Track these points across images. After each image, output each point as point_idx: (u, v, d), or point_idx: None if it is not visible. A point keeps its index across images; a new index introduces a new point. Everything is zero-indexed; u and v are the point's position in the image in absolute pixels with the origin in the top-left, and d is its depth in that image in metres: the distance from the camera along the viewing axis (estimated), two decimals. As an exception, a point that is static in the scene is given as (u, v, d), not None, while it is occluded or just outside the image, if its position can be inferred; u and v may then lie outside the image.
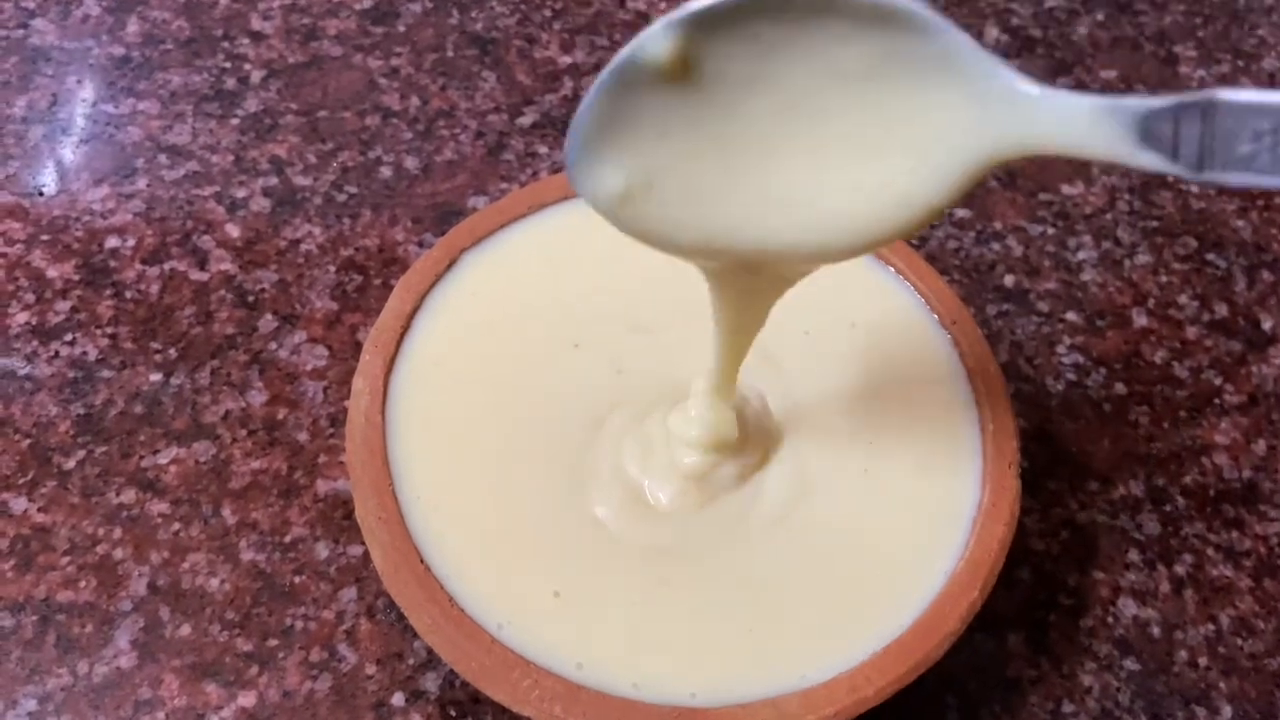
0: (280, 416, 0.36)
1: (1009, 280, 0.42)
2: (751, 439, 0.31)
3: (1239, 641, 0.34)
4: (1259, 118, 0.19)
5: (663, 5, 0.50)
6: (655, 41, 0.20)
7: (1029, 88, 0.20)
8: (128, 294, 0.39)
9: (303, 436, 0.36)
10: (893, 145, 0.21)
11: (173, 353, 0.38)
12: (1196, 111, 0.19)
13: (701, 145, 0.21)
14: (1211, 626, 0.35)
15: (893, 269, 0.34)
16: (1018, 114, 0.20)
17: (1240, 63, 0.50)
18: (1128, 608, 0.35)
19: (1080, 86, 0.48)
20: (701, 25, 0.20)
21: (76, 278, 0.39)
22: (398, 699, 0.31)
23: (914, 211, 0.21)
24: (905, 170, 0.21)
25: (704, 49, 0.20)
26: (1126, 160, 0.20)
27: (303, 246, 0.41)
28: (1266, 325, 0.42)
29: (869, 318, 0.34)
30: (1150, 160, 0.20)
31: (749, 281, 0.25)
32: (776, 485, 0.31)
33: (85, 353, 0.37)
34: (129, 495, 0.35)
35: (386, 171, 0.43)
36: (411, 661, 0.32)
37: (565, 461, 0.31)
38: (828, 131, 0.21)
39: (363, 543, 0.29)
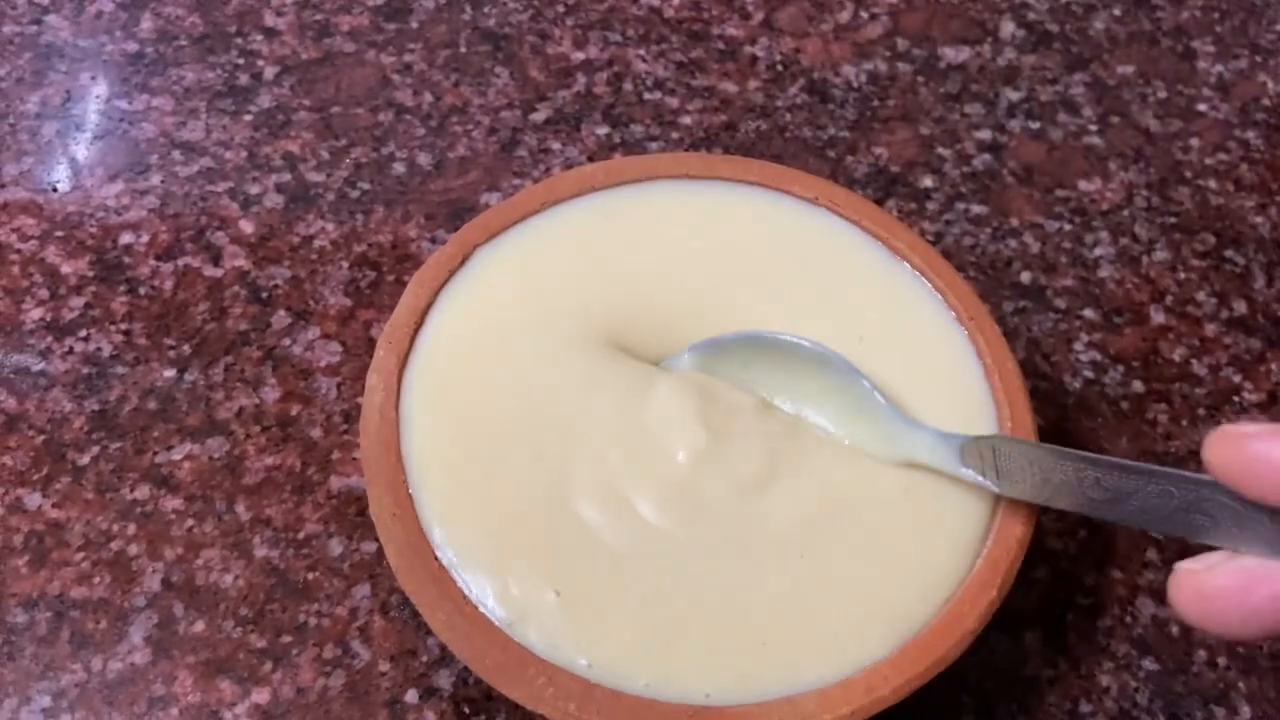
0: (294, 413, 0.36)
1: (1026, 277, 0.42)
2: (763, 438, 0.31)
3: (1259, 641, 0.34)
4: (1023, 453, 0.28)
5: (675, 1, 0.49)
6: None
7: (904, 425, 0.30)
8: (142, 290, 0.39)
9: (316, 433, 0.36)
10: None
11: (186, 349, 0.38)
12: (989, 445, 0.29)
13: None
14: (1231, 626, 0.34)
15: (909, 265, 0.34)
16: (903, 440, 0.30)
17: (1258, 58, 0.50)
18: (1146, 607, 0.34)
19: (1097, 82, 0.48)
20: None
21: (91, 274, 0.39)
22: (411, 696, 0.31)
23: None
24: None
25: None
26: (956, 474, 0.29)
27: (316, 242, 0.41)
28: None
29: (885, 315, 0.33)
30: (969, 475, 0.29)
31: None
32: (791, 484, 0.31)
33: (99, 349, 0.37)
34: (143, 491, 0.35)
35: (400, 167, 0.43)
36: (425, 659, 0.32)
37: (578, 457, 0.30)
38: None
39: (376, 539, 0.29)
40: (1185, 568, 0.23)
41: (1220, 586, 0.22)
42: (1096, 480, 0.26)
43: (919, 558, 0.29)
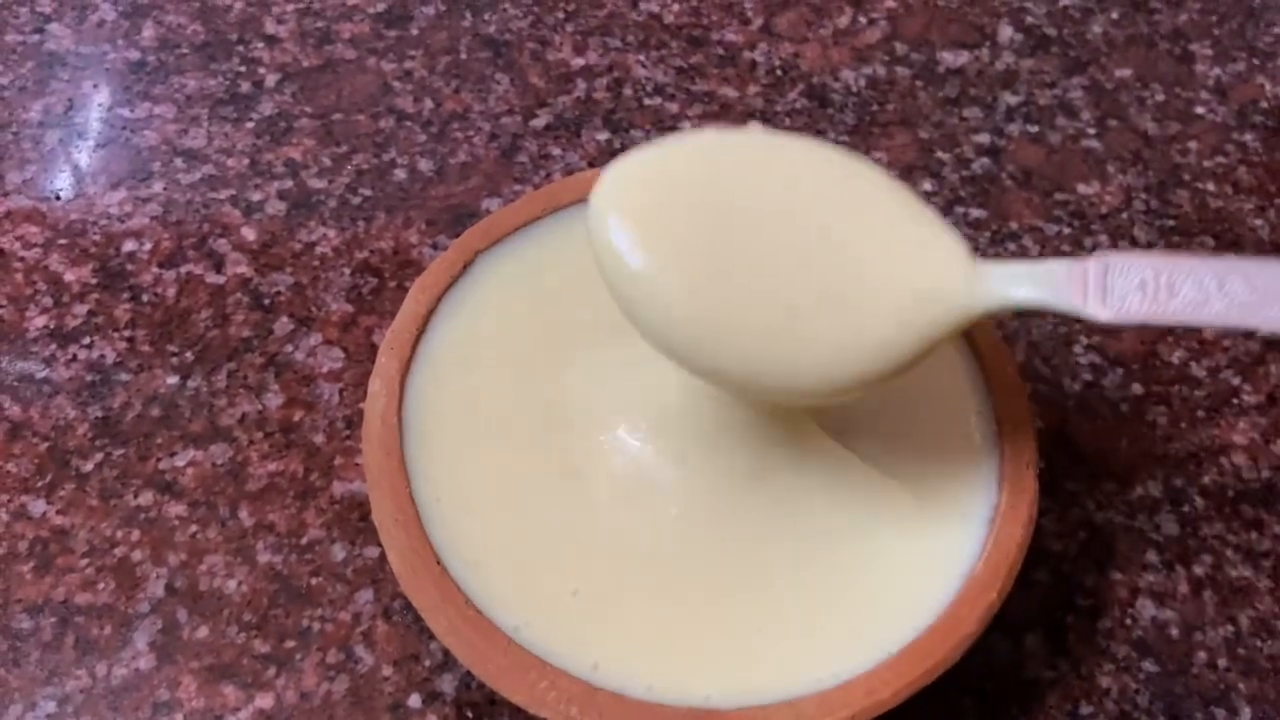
0: (297, 419, 0.37)
1: (1024, 280, 0.42)
2: (762, 440, 0.31)
3: (1258, 643, 0.34)
4: (1139, 270, 0.24)
5: (675, 7, 0.50)
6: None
7: (981, 265, 0.25)
8: (145, 297, 0.39)
9: (319, 439, 0.36)
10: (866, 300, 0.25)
11: (189, 356, 0.38)
12: (1099, 267, 0.25)
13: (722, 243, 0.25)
14: (1231, 628, 0.34)
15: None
16: (975, 285, 0.25)
17: (1256, 60, 0.50)
18: (1146, 609, 0.35)
19: (1095, 86, 0.48)
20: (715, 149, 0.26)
21: (94, 281, 0.39)
22: (414, 700, 0.32)
23: (882, 364, 0.25)
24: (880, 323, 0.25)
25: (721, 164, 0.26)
26: (1054, 307, 0.25)
27: (318, 249, 0.41)
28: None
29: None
30: (1071, 306, 0.25)
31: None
32: (790, 487, 0.31)
33: (103, 356, 0.38)
34: (147, 497, 0.35)
35: (401, 174, 0.43)
36: (428, 663, 0.32)
37: (581, 462, 0.31)
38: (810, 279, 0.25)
39: (379, 544, 0.29)
40: None
41: None
42: (1245, 278, 0.23)
43: (918, 561, 0.29)
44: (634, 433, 0.31)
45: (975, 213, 0.44)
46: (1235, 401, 0.39)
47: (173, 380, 0.37)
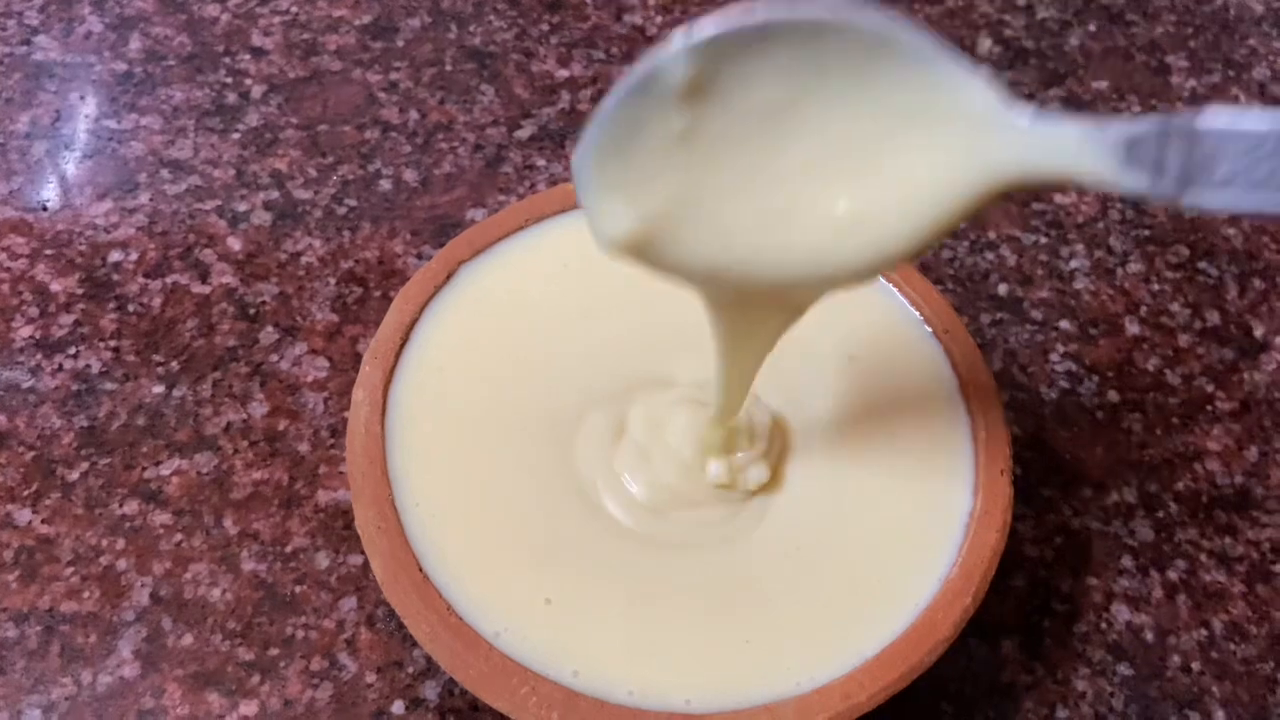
0: (281, 428, 0.37)
1: (1002, 289, 0.42)
2: (743, 448, 0.31)
3: (1232, 646, 0.35)
4: (1237, 141, 0.19)
5: (658, 19, 0.50)
6: (675, 63, 0.20)
7: (1019, 117, 0.20)
8: (130, 307, 0.39)
9: (303, 447, 0.36)
10: (895, 172, 0.21)
11: (175, 365, 0.38)
12: (1178, 135, 0.20)
13: (708, 168, 0.22)
14: (1204, 632, 0.35)
15: (884, 278, 0.35)
16: (1011, 143, 0.20)
17: (1231, 73, 0.51)
18: (1121, 613, 0.35)
19: (1073, 97, 0.49)
20: (718, 47, 0.20)
21: (80, 291, 0.40)
22: (398, 707, 0.32)
23: (909, 240, 0.22)
24: (905, 196, 0.21)
25: (717, 70, 0.21)
26: (1112, 182, 0.20)
27: (303, 259, 0.41)
28: (1258, 332, 0.42)
29: (861, 328, 0.34)
30: (1135, 181, 0.20)
31: (754, 313, 0.25)
32: (769, 494, 0.31)
33: (88, 365, 0.38)
34: (132, 506, 0.35)
35: (386, 184, 0.43)
36: (411, 670, 0.32)
37: (562, 471, 0.31)
38: (831, 159, 0.21)
39: (363, 552, 0.29)
40: None
41: None
42: None
43: (895, 566, 0.30)
44: (617, 441, 0.32)
45: (954, 223, 0.44)
46: (1209, 408, 0.40)
47: (158, 390, 0.37)
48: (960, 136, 0.20)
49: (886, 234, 0.21)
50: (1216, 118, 0.19)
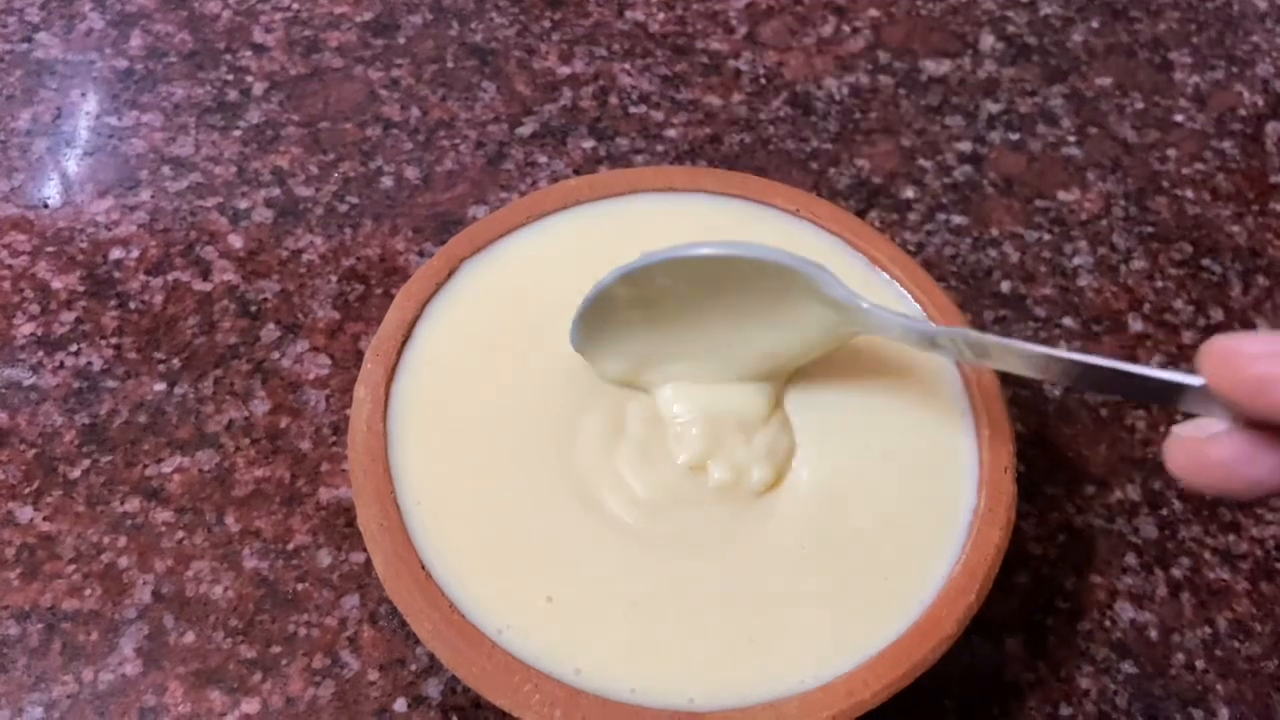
0: (283, 425, 0.37)
1: (1006, 286, 0.42)
2: (747, 446, 0.31)
3: (1236, 644, 0.35)
4: (1007, 350, 0.26)
5: (659, 15, 0.50)
6: (615, 282, 0.30)
7: (862, 302, 0.28)
8: (132, 305, 0.39)
9: (305, 445, 0.36)
10: (783, 326, 0.30)
11: (176, 363, 0.38)
12: (964, 341, 0.27)
13: (662, 336, 0.31)
14: (1208, 629, 0.35)
15: (886, 275, 0.35)
16: (855, 318, 0.29)
17: (1234, 69, 0.51)
18: (1125, 611, 0.35)
19: (1075, 94, 0.49)
20: (643, 273, 0.29)
21: (81, 289, 0.40)
22: (400, 705, 0.32)
23: (791, 359, 0.32)
24: (791, 340, 0.31)
25: (651, 283, 0.30)
26: (923, 350, 0.29)
27: (305, 256, 0.41)
28: (1262, 330, 0.42)
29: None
30: (938, 355, 0.29)
31: None
32: (772, 492, 0.31)
33: (90, 363, 0.38)
34: (133, 504, 0.35)
35: (387, 182, 0.43)
36: (413, 667, 0.32)
37: (564, 468, 0.31)
38: (743, 320, 0.30)
39: (365, 550, 0.29)
40: (1182, 435, 0.22)
41: (1221, 458, 0.21)
42: (1083, 374, 0.24)
43: (899, 564, 0.29)
44: (618, 440, 0.32)
45: (957, 219, 0.44)
46: (1213, 406, 0.40)
47: (160, 387, 0.37)
48: (825, 311, 0.29)
49: (780, 362, 0.32)
50: (989, 335, 0.27)
